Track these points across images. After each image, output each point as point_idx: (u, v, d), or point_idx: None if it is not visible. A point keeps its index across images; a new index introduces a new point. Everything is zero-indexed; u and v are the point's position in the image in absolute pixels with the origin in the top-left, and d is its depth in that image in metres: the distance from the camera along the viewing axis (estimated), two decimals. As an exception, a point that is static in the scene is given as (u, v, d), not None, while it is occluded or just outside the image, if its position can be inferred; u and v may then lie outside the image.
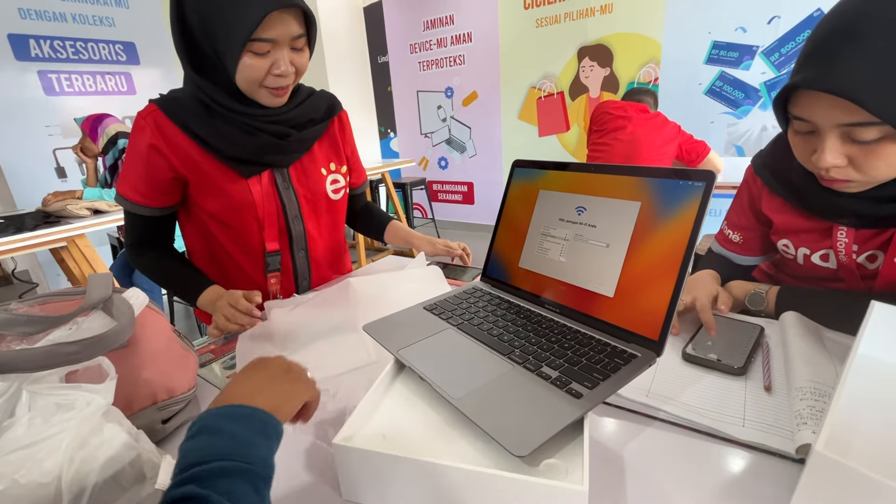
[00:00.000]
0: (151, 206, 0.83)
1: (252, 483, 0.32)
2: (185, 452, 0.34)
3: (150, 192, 0.82)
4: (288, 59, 0.74)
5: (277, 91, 0.78)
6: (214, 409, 0.37)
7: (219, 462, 0.32)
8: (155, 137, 0.78)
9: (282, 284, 0.94)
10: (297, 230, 0.92)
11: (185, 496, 0.29)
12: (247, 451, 0.34)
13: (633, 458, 0.46)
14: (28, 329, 0.44)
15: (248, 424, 0.36)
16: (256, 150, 0.83)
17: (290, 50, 0.75)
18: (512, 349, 0.53)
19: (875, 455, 0.40)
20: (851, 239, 0.65)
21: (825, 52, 0.51)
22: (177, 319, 2.76)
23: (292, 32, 0.72)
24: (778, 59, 2.63)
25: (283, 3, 0.68)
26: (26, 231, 1.68)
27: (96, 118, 2.15)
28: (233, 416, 0.37)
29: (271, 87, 0.76)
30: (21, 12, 2.66)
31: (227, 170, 0.82)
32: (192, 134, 0.79)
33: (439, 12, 3.86)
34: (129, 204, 0.82)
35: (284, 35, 0.72)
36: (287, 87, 0.79)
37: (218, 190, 0.83)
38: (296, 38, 0.74)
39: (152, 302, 0.55)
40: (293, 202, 0.90)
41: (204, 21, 0.71)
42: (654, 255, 0.51)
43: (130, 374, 0.49)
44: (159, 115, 0.78)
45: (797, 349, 0.57)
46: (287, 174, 0.89)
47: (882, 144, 0.51)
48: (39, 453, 0.37)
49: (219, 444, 0.34)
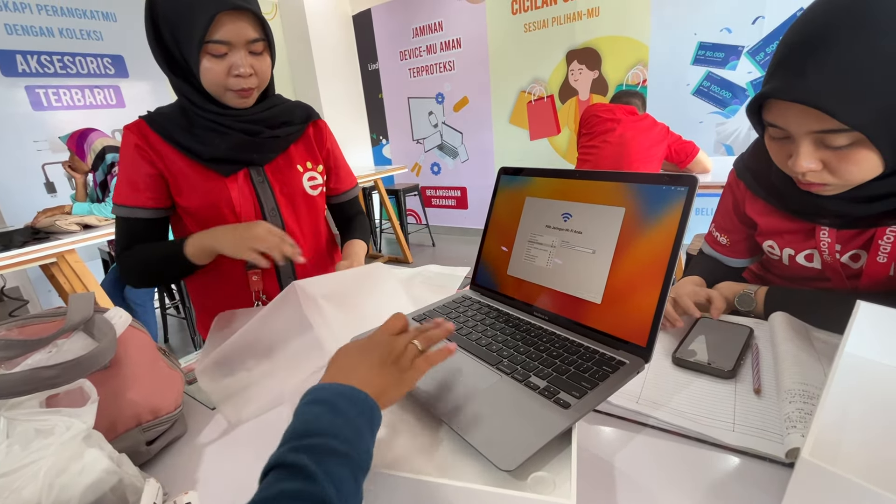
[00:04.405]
0: (143, 207, 0.84)
1: (353, 472, 0.33)
2: (302, 417, 0.36)
3: (138, 191, 0.83)
4: (246, 61, 0.78)
5: (241, 92, 0.81)
6: (334, 385, 0.39)
7: (331, 440, 0.33)
8: (139, 139, 0.83)
9: (265, 284, 0.93)
10: (275, 224, 0.92)
11: (297, 464, 0.31)
12: (355, 438, 0.35)
13: (624, 466, 0.46)
14: (6, 353, 0.44)
15: (360, 411, 0.37)
16: (231, 148, 0.85)
17: (249, 54, 0.78)
18: (500, 359, 0.53)
19: (863, 457, 0.40)
20: (834, 239, 0.65)
21: (794, 60, 0.52)
22: (170, 333, 2.74)
23: (247, 35, 0.76)
24: (763, 58, 2.66)
25: (230, 4, 0.72)
26: (15, 248, 1.66)
27: (80, 134, 2.14)
28: (350, 399, 0.38)
29: (235, 89, 0.80)
30: (7, 28, 2.65)
31: (205, 171, 0.85)
32: (173, 142, 0.83)
33: (428, 19, 3.89)
34: (122, 209, 0.84)
35: (238, 37, 0.75)
36: (250, 89, 0.81)
37: (196, 189, 0.85)
38: (252, 41, 0.77)
39: (135, 320, 0.54)
40: (269, 196, 0.91)
41: (172, 29, 0.76)
42: (640, 260, 0.51)
43: (113, 396, 0.48)
44: (143, 125, 0.84)
45: (786, 351, 0.57)
46: (263, 171, 0.90)
47: (854, 149, 0.52)
48: (17, 482, 0.36)
49: (335, 423, 0.35)
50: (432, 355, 0.45)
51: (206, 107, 0.82)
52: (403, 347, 0.45)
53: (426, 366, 0.45)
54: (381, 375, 0.42)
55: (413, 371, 0.44)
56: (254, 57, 0.79)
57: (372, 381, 0.41)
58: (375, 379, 0.41)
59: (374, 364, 0.43)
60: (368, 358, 0.44)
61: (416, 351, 0.45)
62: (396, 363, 0.44)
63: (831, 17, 0.49)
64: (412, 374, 0.44)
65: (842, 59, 0.48)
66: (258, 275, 0.91)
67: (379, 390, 0.41)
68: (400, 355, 0.44)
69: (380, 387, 0.41)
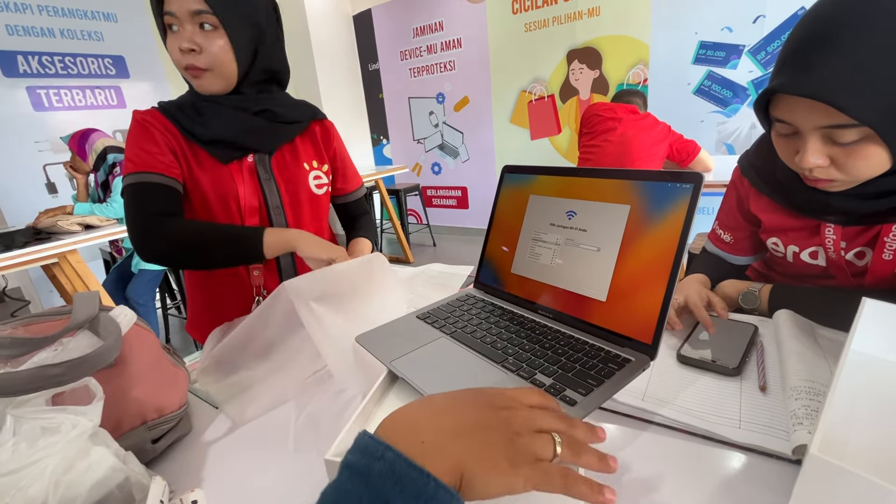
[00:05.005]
0: (159, 173, 0.79)
1: None
2: (332, 495, 0.25)
3: (152, 156, 0.79)
4: (189, 34, 0.74)
5: (189, 71, 0.77)
6: (391, 454, 0.25)
7: None
8: (151, 119, 0.82)
9: (266, 280, 0.93)
10: (279, 221, 0.92)
11: None
12: None
13: (630, 464, 0.46)
14: (12, 352, 0.44)
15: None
16: (231, 130, 0.84)
17: (197, 27, 0.74)
18: (506, 357, 0.53)
19: (871, 453, 0.40)
20: (839, 236, 0.65)
21: (802, 55, 0.51)
22: (172, 332, 2.74)
23: (189, 7, 0.72)
24: (764, 57, 2.66)
25: None
26: (17, 248, 1.66)
27: (82, 135, 2.14)
28: (409, 489, 0.24)
29: (182, 66, 0.77)
30: (9, 28, 2.66)
31: (210, 159, 0.84)
32: (180, 126, 0.83)
33: (428, 19, 3.89)
34: (132, 176, 0.78)
35: (182, 8, 0.72)
36: (198, 68, 0.76)
37: (201, 179, 0.84)
38: (195, 13, 0.73)
39: (140, 319, 0.54)
40: (274, 194, 0.90)
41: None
42: (645, 258, 0.51)
43: (119, 394, 0.48)
44: (155, 111, 0.84)
45: (791, 348, 0.57)
46: (269, 164, 0.89)
47: (862, 145, 0.52)
48: (24, 479, 0.36)
49: None
50: (576, 472, 0.28)
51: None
52: (536, 431, 0.29)
53: (561, 480, 0.27)
54: (484, 447, 0.27)
55: (537, 471, 0.27)
56: (202, 32, 0.74)
57: (464, 451, 0.26)
58: (473, 449, 0.27)
59: (478, 424, 0.28)
60: (472, 411, 0.29)
61: (551, 448, 0.29)
62: (516, 443, 0.28)
63: (840, 12, 0.49)
64: (534, 474, 0.27)
65: (851, 53, 0.48)
66: (260, 269, 0.91)
67: (472, 469, 0.26)
68: (527, 435, 0.29)
69: (475, 464, 0.26)
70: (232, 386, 0.66)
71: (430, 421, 0.28)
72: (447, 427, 0.28)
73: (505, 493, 0.27)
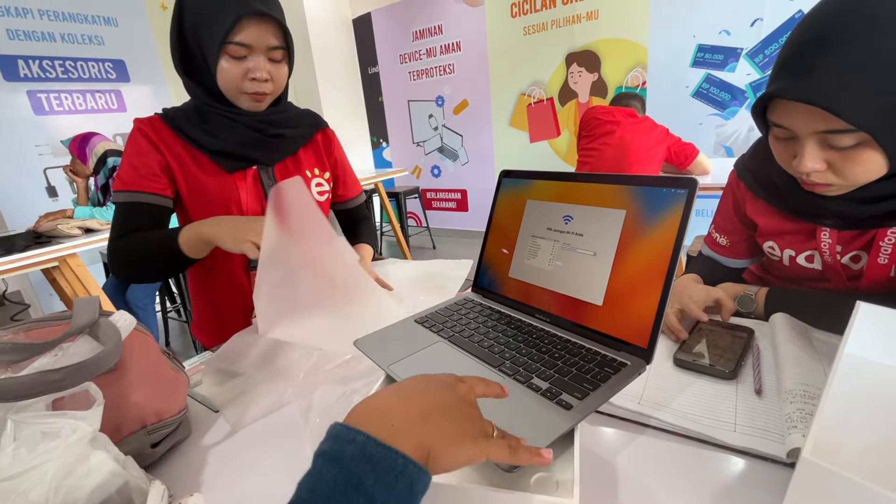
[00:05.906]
0: (145, 192, 0.80)
1: None
2: (310, 480, 0.26)
3: (142, 176, 0.81)
4: (264, 66, 0.80)
5: (255, 96, 0.82)
6: (362, 437, 0.27)
7: None
8: (149, 130, 0.83)
9: None
10: None
11: None
12: None
13: (626, 467, 0.46)
14: (12, 357, 0.44)
15: (391, 489, 0.26)
16: (238, 143, 0.85)
17: (268, 61, 0.80)
18: (502, 361, 0.53)
19: (864, 457, 0.40)
20: (835, 240, 0.66)
21: (800, 60, 0.52)
22: (172, 336, 2.74)
23: (268, 42, 0.78)
24: (762, 60, 2.67)
25: (255, 9, 0.75)
26: (17, 252, 1.66)
27: (83, 138, 2.15)
28: (379, 466, 0.26)
29: (249, 92, 0.81)
30: (9, 33, 2.67)
31: (213, 166, 0.85)
32: (183, 135, 0.84)
33: (428, 22, 3.90)
34: (122, 195, 0.80)
35: (260, 42, 0.77)
36: (264, 94, 0.83)
37: (204, 185, 0.85)
38: (272, 48, 0.79)
39: (140, 323, 0.54)
40: None
41: (195, 28, 0.77)
42: (641, 262, 0.51)
43: (118, 399, 0.49)
44: (157, 120, 0.85)
45: (787, 351, 0.57)
46: (272, 174, 0.91)
47: (859, 150, 0.52)
48: (24, 484, 0.36)
49: (350, 500, 0.25)
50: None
51: (216, 105, 0.83)
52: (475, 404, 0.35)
53: (508, 450, 0.33)
54: (448, 425, 0.31)
55: (490, 443, 0.32)
56: (272, 64, 0.81)
57: (430, 432, 0.30)
58: (438, 429, 0.30)
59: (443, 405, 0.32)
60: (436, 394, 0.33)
61: (491, 426, 0.35)
62: (473, 421, 0.33)
63: (837, 17, 0.49)
64: (488, 445, 0.32)
65: (848, 58, 0.48)
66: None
67: (438, 446, 0.29)
68: (479, 417, 0.34)
69: (440, 441, 0.30)
70: (231, 389, 0.67)
71: (398, 407, 0.31)
72: (414, 411, 0.31)
73: (467, 464, 0.31)
